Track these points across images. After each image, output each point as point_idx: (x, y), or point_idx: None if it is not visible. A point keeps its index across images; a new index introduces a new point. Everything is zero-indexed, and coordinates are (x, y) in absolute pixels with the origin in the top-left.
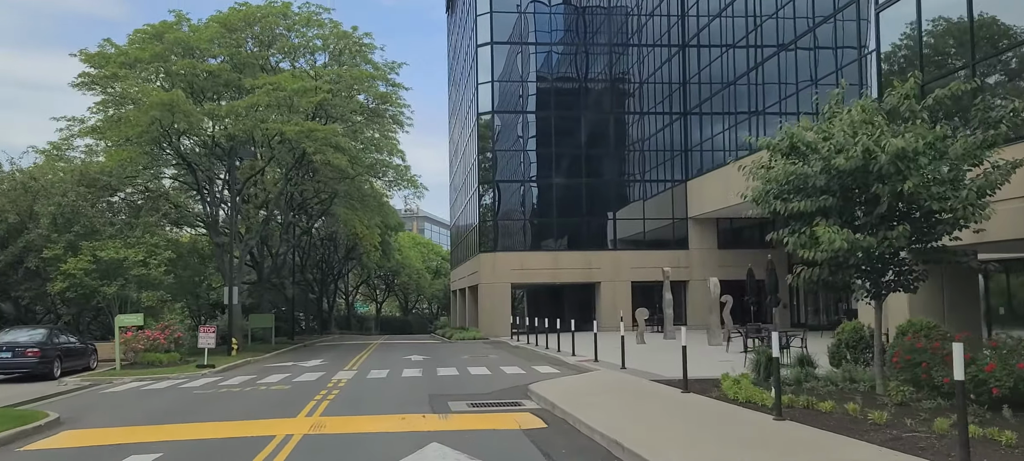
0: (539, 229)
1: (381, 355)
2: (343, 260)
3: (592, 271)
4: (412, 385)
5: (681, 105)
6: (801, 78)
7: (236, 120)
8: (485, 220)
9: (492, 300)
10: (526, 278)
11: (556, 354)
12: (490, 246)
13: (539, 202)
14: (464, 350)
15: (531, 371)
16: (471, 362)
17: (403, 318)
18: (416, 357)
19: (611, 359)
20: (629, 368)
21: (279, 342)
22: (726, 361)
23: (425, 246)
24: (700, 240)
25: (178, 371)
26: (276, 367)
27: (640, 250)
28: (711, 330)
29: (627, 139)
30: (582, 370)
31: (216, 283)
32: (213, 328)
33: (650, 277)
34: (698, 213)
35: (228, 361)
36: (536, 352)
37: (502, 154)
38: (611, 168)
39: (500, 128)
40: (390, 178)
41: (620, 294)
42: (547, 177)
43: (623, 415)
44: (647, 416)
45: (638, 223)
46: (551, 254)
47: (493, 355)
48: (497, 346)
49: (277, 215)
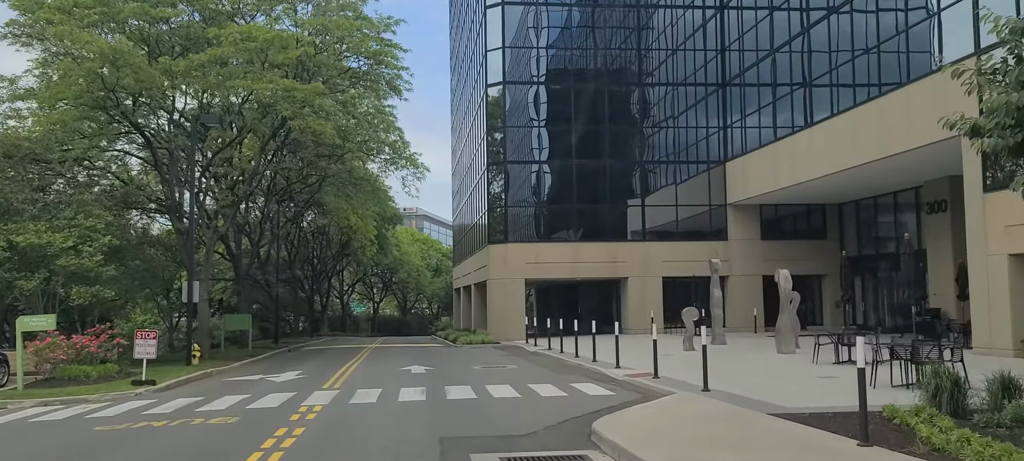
0: (556, 217)
1: (374, 365)
2: (337, 256)
3: (617, 265)
4: (412, 417)
5: (718, 75)
6: (856, 44)
7: (196, 78)
8: (494, 208)
9: (503, 298)
10: (541, 273)
11: (592, 365)
12: (500, 237)
13: (556, 186)
14: (474, 358)
15: (571, 391)
16: (487, 376)
17: (401, 318)
18: (417, 368)
19: (675, 374)
20: (715, 389)
21: (258, 346)
22: (828, 377)
23: (425, 242)
24: (741, 229)
25: (104, 390)
26: (238, 382)
27: (672, 241)
28: (782, 335)
29: (656, 114)
30: (645, 391)
31: None
32: (153, 333)
33: (683, 272)
34: (739, 198)
35: (181, 373)
36: (565, 361)
37: (513, 132)
38: (638, 148)
39: (511, 103)
40: (386, 156)
41: (650, 291)
42: (565, 158)
43: None
44: None
45: (669, 211)
46: (570, 246)
47: (512, 366)
48: (513, 353)
49: (254, 197)
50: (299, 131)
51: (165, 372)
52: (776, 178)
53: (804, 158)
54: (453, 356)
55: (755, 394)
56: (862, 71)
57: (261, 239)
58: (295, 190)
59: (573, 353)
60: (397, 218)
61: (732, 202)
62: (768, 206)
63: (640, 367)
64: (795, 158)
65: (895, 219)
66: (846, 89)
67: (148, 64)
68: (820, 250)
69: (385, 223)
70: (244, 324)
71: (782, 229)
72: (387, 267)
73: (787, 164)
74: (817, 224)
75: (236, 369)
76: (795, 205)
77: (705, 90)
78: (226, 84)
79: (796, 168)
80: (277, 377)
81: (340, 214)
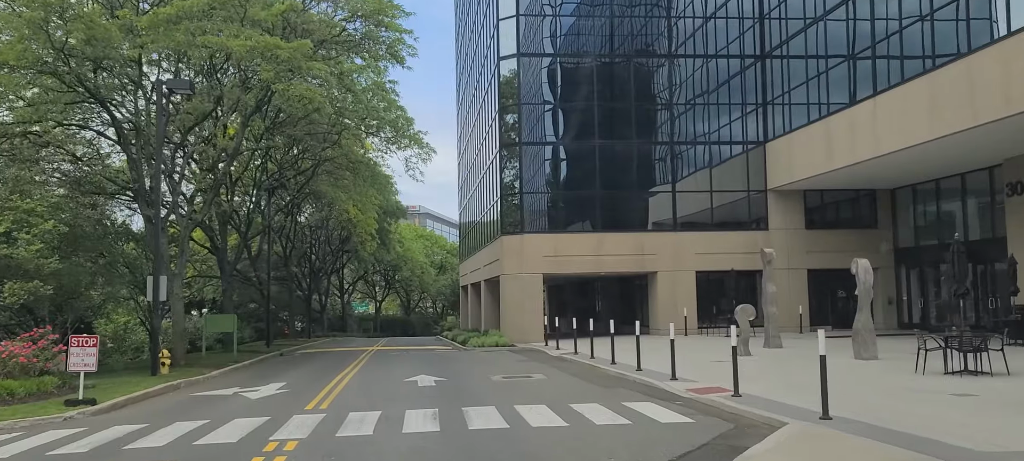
0: (576, 205)
1: (373, 374)
2: (336, 252)
3: (645, 258)
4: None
5: (757, 46)
6: (906, 13)
7: (161, 36)
8: (508, 195)
9: (519, 296)
10: (561, 267)
11: (637, 375)
12: (515, 228)
13: (576, 171)
14: (491, 365)
15: (631, 415)
16: (513, 391)
17: (405, 318)
18: (425, 379)
19: (755, 389)
20: (841, 416)
21: (244, 350)
22: (964, 394)
23: (428, 238)
24: (783, 218)
25: (23, 414)
26: (203, 400)
27: (705, 231)
28: (861, 337)
29: (688, 89)
30: (734, 417)
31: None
32: (94, 340)
33: (718, 265)
34: (781, 183)
35: (138, 387)
36: (602, 370)
37: (528, 111)
38: (667, 127)
39: (525, 80)
40: (388, 135)
41: (682, 287)
42: (585, 139)
43: None
44: None
45: (702, 198)
46: (593, 236)
47: (538, 375)
48: (534, 358)
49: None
50: (284, 99)
51: (120, 386)
52: (828, 158)
53: (865, 133)
54: (465, 362)
55: (904, 425)
56: (912, 40)
57: (250, 231)
58: (287, 177)
59: (606, 358)
60: (400, 211)
61: (773, 187)
62: (813, 192)
63: (702, 379)
64: (853, 134)
65: (962, 204)
66: (895, 62)
67: (104, 19)
68: (869, 240)
69: (387, 217)
70: (228, 326)
71: (827, 217)
72: (389, 264)
73: (843, 141)
74: (866, 212)
75: (210, 380)
76: (843, 191)
77: (742, 63)
78: (196, 42)
79: (855, 145)
80: (254, 392)
81: (338, 205)
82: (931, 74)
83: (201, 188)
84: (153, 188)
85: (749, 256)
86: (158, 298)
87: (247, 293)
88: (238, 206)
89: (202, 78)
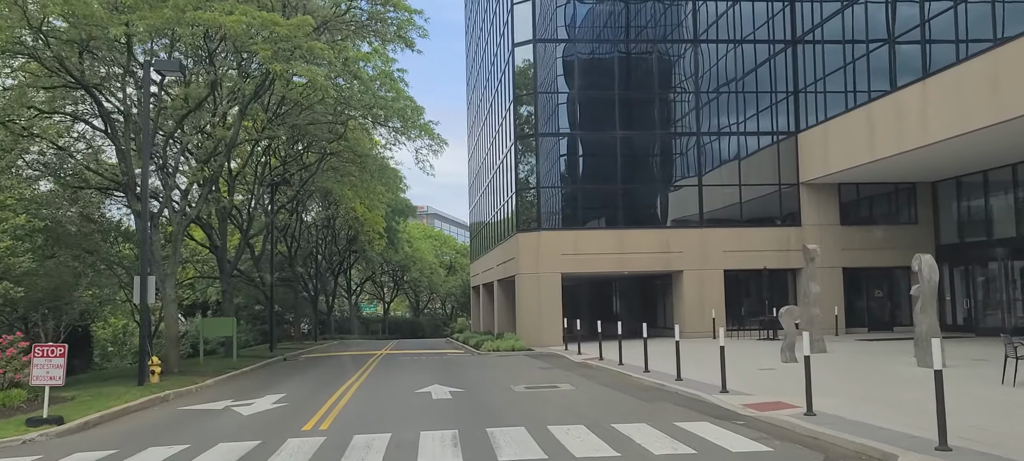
0: (596, 200)
1: (381, 384)
2: (343, 252)
3: (671, 256)
4: None
5: (788, 30)
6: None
7: (147, 10)
8: (524, 190)
9: (535, 297)
10: (581, 266)
11: (677, 385)
12: (532, 224)
13: (595, 164)
14: (510, 372)
15: (694, 442)
16: (542, 407)
17: (414, 320)
18: (439, 391)
19: (828, 405)
20: (961, 447)
21: (246, 355)
22: None
23: (437, 238)
24: (816, 213)
25: None
26: (188, 417)
27: (733, 227)
28: (923, 338)
29: (713, 77)
30: (818, 444)
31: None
32: (60, 350)
33: (747, 263)
34: (815, 176)
35: (119, 401)
36: (635, 379)
37: (545, 100)
38: (692, 118)
39: (542, 67)
40: (396, 126)
41: (709, 286)
42: (606, 129)
43: None
44: None
45: (730, 192)
46: (615, 233)
47: (565, 385)
48: (557, 364)
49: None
50: (284, 84)
51: (99, 398)
52: (870, 147)
53: (912, 120)
54: (481, 369)
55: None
56: (948, 24)
57: (251, 228)
58: (291, 172)
59: (636, 364)
60: (409, 209)
61: (806, 180)
62: (848, 186)
63: (756, 391)
64: (900, 120)
65: (1015, 197)
66: (940, 46)
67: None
68: (909, 238)
69: (395, 215)
70: (226, 329)
71: (863, 213)
72: (398, 264)
73: (887, 128)
74: (905, 207)
75: (203, 390)
76: (881, 184)
77: (771, 49)
78: (186, 18)
79: (902, 133)
80: (248, 406)
81: (345, 203)
82: (993, 52)
83: (196, 181)
84: (141, 179)
85: (780, 254)
86: (147, 300)
87: (253, 295)
88: (240, 204)
89: (195, 62)
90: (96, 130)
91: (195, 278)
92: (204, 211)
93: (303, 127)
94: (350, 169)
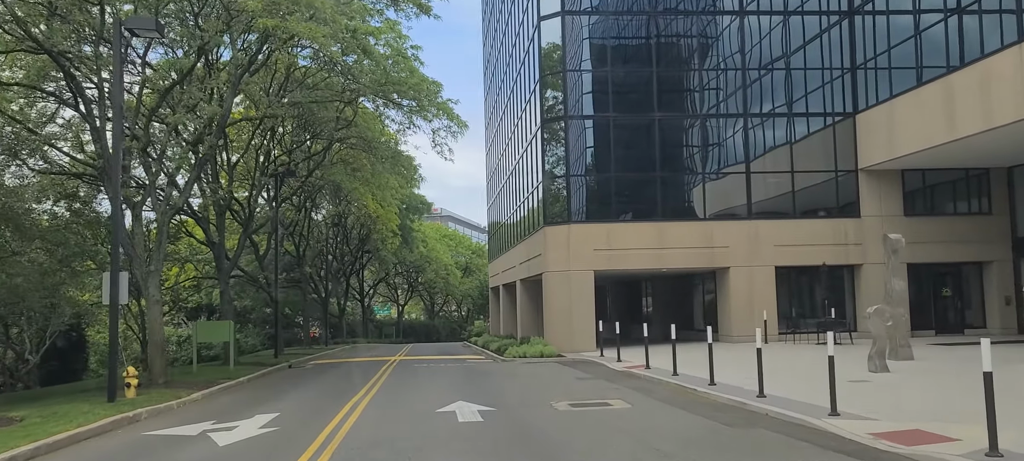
0: (631, 189)
1: (396, 398)
2: (356, 251)
3: (715, 252)
4: None
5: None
6: None
7: None
8: (552, 178)
9: (566, 297)
10: (616, 262)
11: (763, 404)
12: (560, 217)
13: (629, 149)
14: (545, 384)
15: None
16: (598, 433)
17: (429, 322)
18: (466, 409)
19: (1009, 440)
20: None
21: (247, 363)
22: None
23: (452, 238)
24: (878, 203)
25: None
26: (154, 445)
27: (785, 219)
28: None
29: (762, 53)
30: None
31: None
32: None
33: (800, 259)
34: (878, 160)
35: (76, 422)
36: (706, 395)
37: (574, 78)
38: (739, 97)
39: (570, 43)
40: (410, 105)
41: (759, 284)
42: (642, 111)
43: None
44: None
45: (781, 181)
46: (654, 226)
47: (618, 402)
48: (597, 373)
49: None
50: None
51: (51, 421)
52: (949, 126)
53: (1007, 90)
54: (511, 380)
55: None
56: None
57: (251, 222)
58: (296, 161)
59: (696, 376)
60: (424, 206)
61: (865, 167)
62: (912, 173)
63: (877, 414)
64: (988, 92)
65: None
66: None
67: None
68: (981, 230)
69: (410, 212)
70: (223, 334)
71: (930, 203)
72: (412, 265)
73: (971, 102)
74: (976, 195)
75: (183, 408)
76: (950, 171)
77: (827, 20)
78: None
79: (990, 106)
80: (229, 431)
81: (356, 199)
82: None
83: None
84: (112, 152)
85: (836, 248)
86: (116, 299)
87: (262, 298)
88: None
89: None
90: (65, 104)
91: (199, 278)
92: (201, 205)
93: (306, 107)
94: (361, 160)
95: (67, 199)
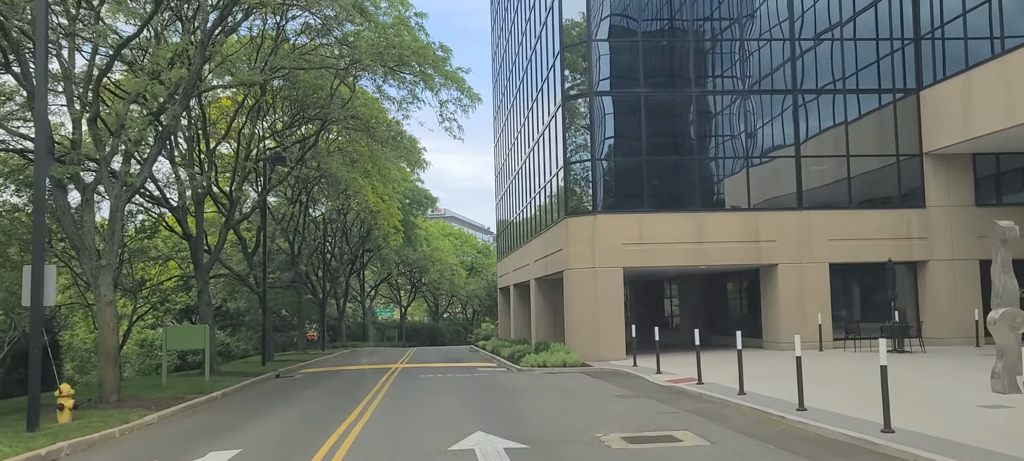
0: (663, 176)
1: (398, 424)
2: (356, 249)
3: (761, 246)
4: None
5: None
6: None
7: None
8: (574, 164)
9: (592, 298)
10: (648, 258)
11: (895, 444)
12: (585, 206)
13: (662, 129)
14: (579, 402)
15: None
16: None
17: (433, 324)
18: (487, 443)
19: None
20: None
21: (229, 373)
22: None
23: (457, 237)
24: (945, 192)
25: None
26: None
27: (840, 209)
28: None
29: (813, 21)
30: None
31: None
32: None
33: (857, 255)
34: (948, 143)
35: None
36: (802, 427)
37: (598, 47)
38: (786, 71)
39: (595, 10)
40: (414, 76)
41: (812, 283)
42: (676, 87)
43: None
44: None
45: (836, 166)
46: (691, 217)
47: (686, 435)
48: (636, 388)
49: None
50: None
51: None
52: None
53: None
54: (536, 397)
55: None
56: None
57: (234, 212)
58: (286, 144)
59: (769, 395)
60: (428, 200)
61: (931, 150)
62: (985, 157)
63: (1009, 447)
64: None
65: None
66: None
67: None
68: None
69: (412, 207)
70: (197, 340)
71: (1003, 190)
72: (416, 265)
73: None
74: None
75: (126, 438)
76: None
77: None
78: None
79: None
80: None
81: (355, 191)
82: None
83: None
84: (38, 116)
85: (899, 243)
86: (40, 299)
87: (255, 298)
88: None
89: None
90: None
91: (186, 277)
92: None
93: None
94: (359, 147)
95: (28, 188)
